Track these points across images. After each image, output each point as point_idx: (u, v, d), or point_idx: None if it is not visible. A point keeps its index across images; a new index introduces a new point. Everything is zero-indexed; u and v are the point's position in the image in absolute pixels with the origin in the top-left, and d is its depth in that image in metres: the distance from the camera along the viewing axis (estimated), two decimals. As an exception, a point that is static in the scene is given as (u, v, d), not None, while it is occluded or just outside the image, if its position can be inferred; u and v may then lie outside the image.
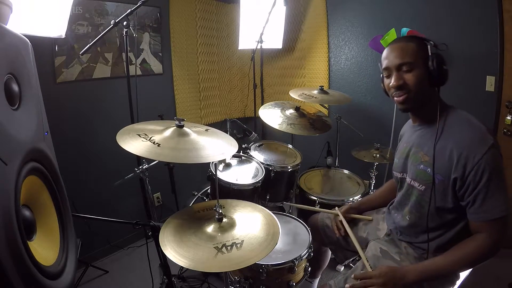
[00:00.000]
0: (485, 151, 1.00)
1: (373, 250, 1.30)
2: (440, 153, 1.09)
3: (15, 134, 0.75)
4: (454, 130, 1.08)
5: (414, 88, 1.10)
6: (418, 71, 1.09)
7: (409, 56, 1.09)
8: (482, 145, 1.01)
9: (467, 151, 1.03)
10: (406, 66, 1.09)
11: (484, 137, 1.03)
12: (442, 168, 1.08)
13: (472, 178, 1.02)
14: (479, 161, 1.00)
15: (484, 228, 1.05)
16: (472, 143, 1.03)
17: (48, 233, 0.90)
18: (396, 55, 1.11)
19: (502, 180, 1.03)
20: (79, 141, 2.12)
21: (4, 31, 0.78)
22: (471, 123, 1.08)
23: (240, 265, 1.02)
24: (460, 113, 1.12)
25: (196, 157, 1.11)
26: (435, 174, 1.10)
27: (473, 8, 2.06)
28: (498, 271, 2.01)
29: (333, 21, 2.72)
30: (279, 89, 3.14)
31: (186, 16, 2.66)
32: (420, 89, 1.10)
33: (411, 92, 1.11)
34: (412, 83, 1.09)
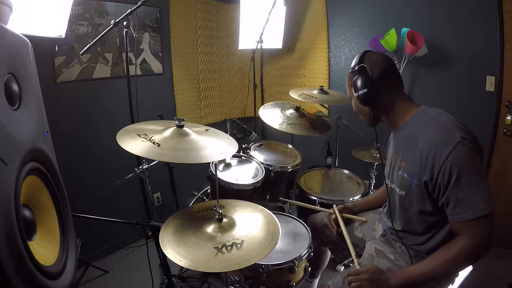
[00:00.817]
0: (451, 150, 0.97)
1: (369, 250, 1.31)
2: (412, 157, 1.09)
3: (15, 134, 0.75)
4: (422, 132, 1.07)
5: (356, 112, 1.28)
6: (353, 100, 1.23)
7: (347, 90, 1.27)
8: (448, 143, 0.98)
9: (433, 152, 1.01)
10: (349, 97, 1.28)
11: (450, 135, 1.00)
12: (416, 172, 1.08)
13: (441, 179, 1.00)
14: (445, 161, 0.98)
15: (463, 229, 1.01)
16: (437, 144, 1.01)
17: (48, 233, 0.90)
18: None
19: (477, 176, 0.98)
20: (79, 141, 2.12)
21: (4, 31, 0.78)
22: (438, 122, 1.06)
23: (240, 265, 1.02)
24: (428, 113, 1.11)
25: (196, 157, 1.11)
26: (411, 178, 1.10)
27: (473, 8, 2.06)
28: (498, 271, 2.01)
29: (333, 21, 2.72)
30: (279, 89, 3.14)
31: (186, 16, 2.66)
32: (359, 112, 1.25)
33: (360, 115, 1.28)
34: (354, 109, 1.27)
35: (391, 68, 1.17)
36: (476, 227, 0.99)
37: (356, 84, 1.14)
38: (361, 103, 1.17)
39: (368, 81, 1.11)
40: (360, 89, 1.13)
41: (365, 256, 1.30)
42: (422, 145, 1.05)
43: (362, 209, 1.57)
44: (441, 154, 0.99)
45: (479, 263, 1.09)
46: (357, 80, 1.14)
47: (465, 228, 1.01)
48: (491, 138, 2.15)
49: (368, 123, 1.26)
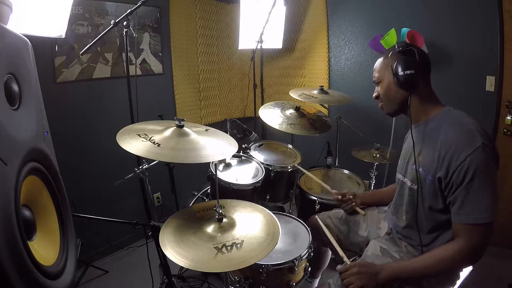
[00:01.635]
0: (471, 152, 0.98)
1: (373, 249, 1.31)
2: (430, 153, 1.10)
3: (15, 134, 0.75)
4: (444, 130, 1.08)
5: (384, 97, 1.23)
6: (384, 83, 1.20)
7: (377, 72, 1.24)
8: (469, 146, 0.99)
9: (452, 151, 1.02)
10: (377, 80, 1.24)
11: (472, 138, 1.01)
12: (431, 168, 1.09)
13: (455, 178, 1.01)
14: (463, 162, 0.99)
15: (463, 232, 1.02)
16: (458, 144, 1.01)
17: (48, 233, 0.90)
18: (373, 73, 1.27)
19: (490, 184, 0.99)
20: (79, 141, 2.12)
21: (4, 31, 0.78)
22: (462, 123, 1.07)
23: (240, 265, 1.02)
24: (452, 113, 1.12)
25: (196, 157, 1.11)
26: (427, 174, 1.11)
27: (473, 8, 2.06)
28: (498, 271, 2.01)
29: (333, 21, 2.72)
30: (279, 89, 3.14)
31: (186, 16, 2.66)
32: (389, 97, 1.20)
33: (383, 101, 1.24)
34: (381, 93, 1.23)
35: (429, 63, 1.16)
36: (474, 232, 1.00)
37: (401, 64, 1.09)
38: (400, 86, 1.12)
39: (416, 64, 1.09)
40: (406, 69, 1.08)
41: (368, 254, 1.30)
42: (442, 142, 1.06)
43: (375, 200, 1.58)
44: (460, 154, 1.00)
45: (479, 263, 1.09)
46: (403, 60, 1.10)
47: (464, 231, 1.02)
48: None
49: (393, 111, 1.23)
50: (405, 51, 1.12)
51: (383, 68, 1.20)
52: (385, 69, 1.18)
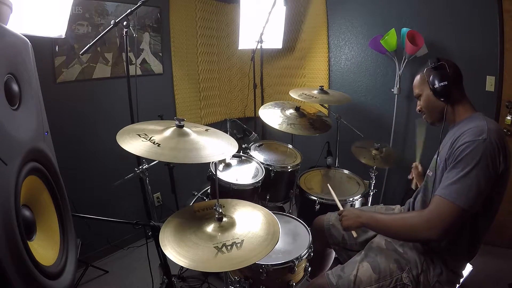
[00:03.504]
0: (472, 140, 1.05)
1: (378, 242, 1.35)
2: (446, 143, 1.18)
3: (15, 134, 0.75)
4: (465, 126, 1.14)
5: (426, 109, 1.32)
6: (424, 96, 1.30)
7: (416, 88, 1.34)
8: (473, 135, 1.06)
9: (462, 136, 1.09)
10: (417, 95, 1.34)
11: (480, 132, 1.07)
12: (443, 155, 1.16)
13: (452, 159, 1.08)
14: (461, 145, 1.06)
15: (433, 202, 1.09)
16: (468, 131, 1.09)
17: (48, 233, 0.90)
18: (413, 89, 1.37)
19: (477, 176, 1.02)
20: (79, 141, 2.12)
21: (4, 31, 0.78)
22: (481, 121, 1.13)
23: (240, 265, 1.02)
24: (479, 116, 1.18)
25: (196, 157, 1.11)
26: (441, 161, 1.18)
27: (473, 8, 2.06)
28: (498, 271, 2.01)
29: (333, 21, 2.72)
30: (279, 89, 3.14)
31: (186, 16, 2.66)
32: (430, 108, 1.29)
33: (426, 112, 1.33)
34: (423, 106, 1.32)
35: (460, 73, 1.25)
36: (441, 206, 1.06)
37: (436, 78, 1.20)
38: (438, 96, 1.21)
39: (447, 76, 1.19)
40: (441, 81, 1.19)
41: (372, 246, 1.35)
42: (457, 132, 1.14)
43: None
44: (465, 136, 1.07)
45: (480, 263, 1.09)
46: (437, 74, 1.20)
47: (433, 202, 1.09)
48: (491, 138, 2.14)
49: (436, 120, 1.30)
50: (437, 66, 1.22)
51: (421, 84, 1.30)
52: (423, 84, 1.29)
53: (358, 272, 1.25)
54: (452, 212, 1.04)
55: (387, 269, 1.23)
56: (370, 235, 1.50)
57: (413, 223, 1.12)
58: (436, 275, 1.20)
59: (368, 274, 1.23)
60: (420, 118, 1.47)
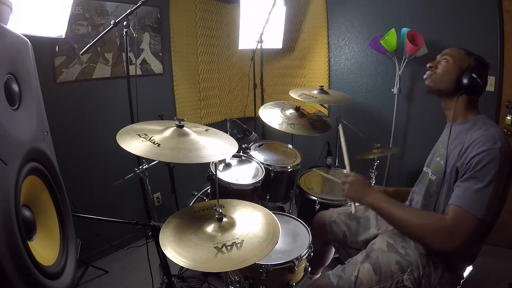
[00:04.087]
0: (488, 148, 1.03)
1: (380, 243, 1.34)
2: (454, 149, 1.15)
3: (15, 134, 0.75)
4: (472, 131, 1.13)
5: (440, 74, 1.22)
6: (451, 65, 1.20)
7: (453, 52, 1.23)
8: (488, 143, 1.04)
9: (474, 143, 1.07)
10: (447, 56, 1.23)
11: (493, 140, 1.05)
12: (451, 162, 1.14)
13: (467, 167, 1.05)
14: (478, 155, 1.03)
15: (451, 212, 1.04)
16: (479, 141, 1.06)
17: (48, 233, 0.90)
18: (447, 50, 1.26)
19: (495, 186, 1.01)
20: (79, 141, 2.12)
21: (4, 31, 0.78)
22: (489, 128, 1.11)
23: (240, 265, 1.02)
24: (485, 120, 1.17)
25: (196, 157, 1.11)
26: (447, 167, 1.16)
27: (473, 8, 2.06)
28: (498, 271, 2.01)
29: (333, 21, 2.72)
30: (279, 89, 3.14)
31: (186, 16, 2.66)
32: (444, 77, 1.21)
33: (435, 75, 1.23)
34: (441, 69, 1.22)
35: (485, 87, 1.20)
36: (460, 217, 1.03)
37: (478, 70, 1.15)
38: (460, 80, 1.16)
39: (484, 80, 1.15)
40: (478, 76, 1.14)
41: (374, 248, 1.33)
42: (467, 139, 1.11)
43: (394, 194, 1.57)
44: (479, 147, 1.04)
45: (480, 263, 1.09)
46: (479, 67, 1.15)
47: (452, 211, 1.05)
48: (491, 138, 2.14)
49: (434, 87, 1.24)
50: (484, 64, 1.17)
51: (461, 56, 1.20)
52: (462, 59, 1.20)
53: (359, 273, 1.24)
54: (473, 225, 1.01)
55: (388, 271, 1.22)
56: (371, 234, 1.50)
57: (433, 231, 1.05)
58: (437, 277, 1.19)
59: (369, 275, 1.23)
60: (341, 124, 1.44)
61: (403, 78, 2.38)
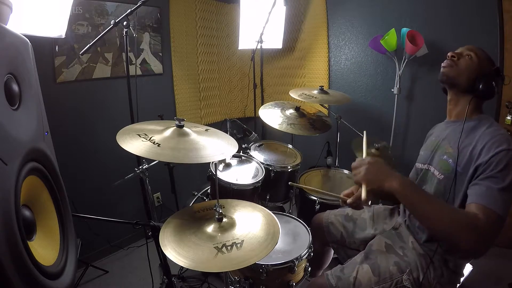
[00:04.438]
0: (506, 148, 1.02)
1: (377, 244, 1.33)
2: (464, 147, 1.13)
3: (15, 134, 0.75)
4: (483, 131, 1.12)
5: (460, 68, 1.19)
6: (475, 65, 1.18)
7: (480, 53, 1.21)
8: (504, 143, 1.04)
9: (491, 142, 1.05)
10: (472, 54, 1.20)
11: (508, 140, 1.05)
12: (463, 162, 1.12)
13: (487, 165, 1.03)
14: (500, 153, 1.02)
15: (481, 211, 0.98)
16: (495, 140, 1.05)
17: (48, 233, 0.90)
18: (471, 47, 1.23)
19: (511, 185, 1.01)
20: (79, 141, 2.12)
21: (4, 31, 0.78)
22: (500, 129, 1.11)
23: (240, 265, 1.02)
24: (492, 121, 1.17)
25: (196, 157, 1.11)
26: (456, 165, 1.13)
27: (473, 8, 2.06)
28: (498, 271, 2.01)
29: (333, 21, 2.72)
30: (279, 89, 3.14)
31: (186, 16, 2.66)
32: (464, 72, 1.19)
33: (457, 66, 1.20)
34: (464, 64, 1.19)
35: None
36: (490, 216, 0.97)
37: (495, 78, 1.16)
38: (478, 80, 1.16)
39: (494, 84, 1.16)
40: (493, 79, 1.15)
41: (372, 249, 1.32)
42: (478, 138, 1.10)
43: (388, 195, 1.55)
44: (497, 147, 1.03)
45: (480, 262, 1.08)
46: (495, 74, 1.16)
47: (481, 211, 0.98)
48: (491, 138, 2.14)
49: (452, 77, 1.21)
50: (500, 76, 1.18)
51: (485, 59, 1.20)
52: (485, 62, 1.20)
53: (358, 274, 1.24)
54: (500, 225, 0.98)
55: (386, 272, 1.22)
56: (367, 235, 1.50)
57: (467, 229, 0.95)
58: (437, 276, 1.19)
59: (368, 276, 1.23)
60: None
61: (403, 78, 2.38)
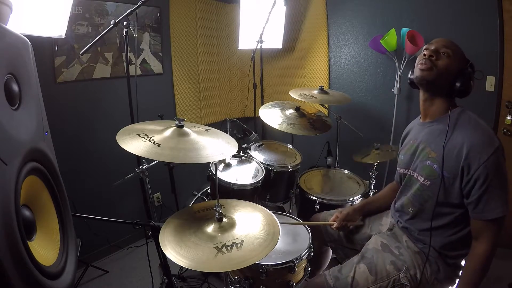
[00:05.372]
0: (492, 153, 1.04)
1: (374, 243, 1.34)
2: (448, 151, 1.12)
3: (15, 134, 0.75)
4: (464, 130, 1.12)
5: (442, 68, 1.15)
6: (453, 64, 1.16)
7: (455, 49, 1.18)
8: (489, 146, 1.05)
9: (474, 150, 1.06)
10: (449, 52, 1.16)
11: (491, 139, 1.07)
12: (449, 165, 1.11)
13: (476, 177, 1.06)
14: (485, 162, 1.04)
15: (484, 229, 1.08)
16: (480, 144, 1.06)
17: (48, 233, 0.90)
18: (446, 43, 1.19)
19: (505, 182, 1.07)
20: (79, 141, 2.12)
21: (4, 31, 0.78)
22: (480, 124, 1.12)
23: (240, 265, 1.02)
24: (469, 114, 1.16)
25: (196, 157, 1.11)
26: (442, 170, 1.13)
27: (473, 8, 2.06)
28: (498, 271, 2.01)
29: (333, 21, 2.72)
30: (279, 89, 3.14)
31: (186, 16, 2.66)
32: (443, 74, 1.15)
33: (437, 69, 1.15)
34: (442, 64, 1.15)
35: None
36: (493, 227, 1.07)
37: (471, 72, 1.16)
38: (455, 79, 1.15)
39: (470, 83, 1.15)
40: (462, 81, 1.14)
41: (369, 248, 1.33)
42: (461, 140, 1.09)
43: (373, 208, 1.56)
44: (482, 154, 1.05)
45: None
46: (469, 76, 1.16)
47: (484, 229, 1.08)
48: (491, 138, 2.14)
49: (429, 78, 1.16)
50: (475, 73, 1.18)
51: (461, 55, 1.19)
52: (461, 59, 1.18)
53: (355, 274, 1.24)
54: (501, 224, 1.08)
55: (383, 271, 1.22)
56: (364, 234, 1.51)
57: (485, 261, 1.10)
58: (433, 272, 1.20)
59: (365, 276, 1.23)
60: None
61: (403, 78, 2.38)
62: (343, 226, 1.50)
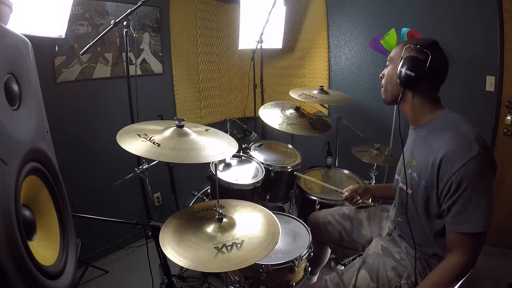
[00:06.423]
0: (466, 162, 0.97)
1: (375, 247, 1.33)
2: (424, 159, 1.09)
3: (15, 134, 0.75)
4: (442, 136, 1.05)
5: (384, 82, 1.20)
6: (389, 71, 1.17)
7: (392, 54, 1.18)
8: (464, 154, 0.97)
9: (447, 159, 1.00)
10: (388, 62, 1.19)
11: (468, 146, 0.99)
12: (425, 174, 1.08)
13: (448, 186, 1.00)
14: (458, 171, 0.97)
15: (457, 242, 1.02)
16: (453, 151, 0.99)
17: (48, 233, 0.90)
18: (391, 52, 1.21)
19: (483, 193, 0.98)
20: (79, 141, 2.12)
21: (4, 31, 0.78)
22: (458, 129, 1.04)
23: (240, 265, 1.02)
24: (450, 118, 1.10)
25: (196, 157, 1.11)
26: (420, 180, 1.10)
27: (473, 8, 2.06)
28: (498, 271, 2.01)
29: (333, 21, 2.72)
30: (279, 89, 3.14)
31: (186, 16, 2.66)
32: (388, 84, 1.18)
33: (383, 85, 1.22)
34: (385, 76, 1.20)
35: (445, 71, 1.12)
36: (468, 242, 1.00)
37: (407, 63, 1.07)
38: (398, 80, 1.11)
39: (422, 69, 1.05)
40: (409, 70, 1.06)
41: (369, 253, 1.31)
42: (437, 148, 1.04)
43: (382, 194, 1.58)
44: (455, 163, 0.98)
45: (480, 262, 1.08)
46: (410, 60, 1.07)
47: (457, 242, 1.02)
48: (491, 138, 2.15)
49: (386, 99, 1.20)
50: (421, 51, 1.06)
51: (396, 55, 1.15)
52: (397, 57, 1.14)
53: (357, 281, 1.22)
54: (479, 241, 1.00)
55: (384, 277, 1.20)
56: (364, 236, 1.50)
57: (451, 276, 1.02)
58: None
59: (366, 282, 1.21)
60: None
61: (403, 78, 2.38)
62: (352, 197, 1.53)
